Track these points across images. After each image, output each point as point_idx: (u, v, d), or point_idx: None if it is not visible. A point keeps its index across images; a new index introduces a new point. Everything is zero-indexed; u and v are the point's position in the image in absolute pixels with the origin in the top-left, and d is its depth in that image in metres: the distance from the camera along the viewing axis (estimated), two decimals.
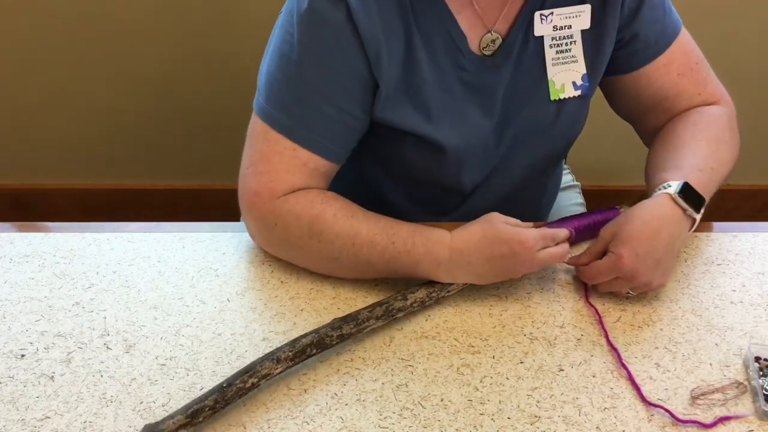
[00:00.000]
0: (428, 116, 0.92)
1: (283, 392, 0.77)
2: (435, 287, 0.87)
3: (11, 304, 0.88)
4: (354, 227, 0.87)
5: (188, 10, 1.83)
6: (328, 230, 0.87)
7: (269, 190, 0.89)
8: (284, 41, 0.89)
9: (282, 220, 0.89)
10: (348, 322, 0.82)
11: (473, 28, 0.92)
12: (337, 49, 0.86)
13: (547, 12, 0.92)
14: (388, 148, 0.98)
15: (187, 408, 0.72)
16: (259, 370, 0.76)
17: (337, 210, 0.88)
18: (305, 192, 0.90)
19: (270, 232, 0.91)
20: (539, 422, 0.74)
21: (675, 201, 0.88)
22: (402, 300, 0.85)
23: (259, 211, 0.90)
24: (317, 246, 0.88)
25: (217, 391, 0.74)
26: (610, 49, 0.97)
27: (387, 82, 0.89)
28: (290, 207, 0.88)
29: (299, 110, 0.88)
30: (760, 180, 2.09)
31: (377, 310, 0.84)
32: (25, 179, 2.10)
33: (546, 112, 0.97)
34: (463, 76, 0.93)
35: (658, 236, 0.85)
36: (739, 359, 0.82)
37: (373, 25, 0.85)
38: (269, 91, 0.90)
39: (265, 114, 0.90)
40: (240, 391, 0.75)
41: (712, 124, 0.99)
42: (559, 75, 0.96)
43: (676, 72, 1.00)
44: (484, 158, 0.98)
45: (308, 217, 0.88)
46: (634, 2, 0.95)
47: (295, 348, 0.78)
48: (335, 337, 0.81)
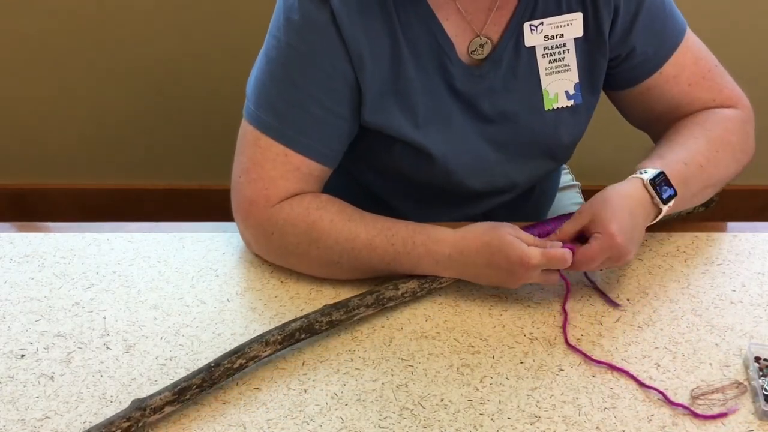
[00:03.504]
0: (415, 121, 0.92)
1: (283, 392, 0.77)
2: (427, 279, 0.88)
3: (11, 304, 0.88)
4: (352, 231, 0.87)
5: (189, 11, 1.83)
6: (326, 236, 0.87)
7: (264, 198, 0.89)
8: (272, 46, 0.89)
9: (279, 229, 0.89)
10: (338, 309, 0.83)
11: (461, 34, 0.92)
12: (322, 50, 0.87)
13: (537, 22, 0.92)
14: (380, 155, 0.98)
15: (175, 385, 0.74)
16: (247, 351, 0.78)
17: (333, 215, 0.88)
18: (300, 198, 0.90)
19: (267, 241, 0.91)
20: (539, 422, 0.74)
21: (645, 187, 0.88)
22: (393, 290, 0.86)
23: (256, 220, 0.90)
24: (316, 252, 0.88)
25: (204, 370, 0.75)
26: (607, 58, 0.96)
27: (371, 84, 0.89)
28: (286, 215, 0.88)
29: (289, 113, 0.88)
30: (760, 180, 2.09)
31: (368, 298, 0.85)
32: (25, 179, 2.10)
33: (542, 122, 0.96)
34: (450, 83, 0.92)
35: (634, 213, 0.86)
36: (739, 359, 0.82)
37: (355, 28, 0.86)
38: (258, 96, 0.90)
39: (254, 119, 0.90)
40: (228, 371, 0.76)
41: (718, 124, 0.97)
42: (552, 84, 0.95)
43: (687, 82, 0.98)
44: (479, 166, 0.97)
45: (305, 225, 0.88)
46: (628, 15, 0.93)
47: (284, 332, 0.80)
48: (325, 323, 0.82)
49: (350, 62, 0.87)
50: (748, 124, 1.01)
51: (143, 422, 0.72)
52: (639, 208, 0.87)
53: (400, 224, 0.88)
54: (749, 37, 1.89)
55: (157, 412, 0.72)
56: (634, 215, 0.86)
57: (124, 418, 0.71)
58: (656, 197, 0.88)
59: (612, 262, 0.85)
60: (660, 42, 0.96)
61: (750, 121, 1.01)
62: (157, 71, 1.92)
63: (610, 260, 0.85)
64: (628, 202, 0.86)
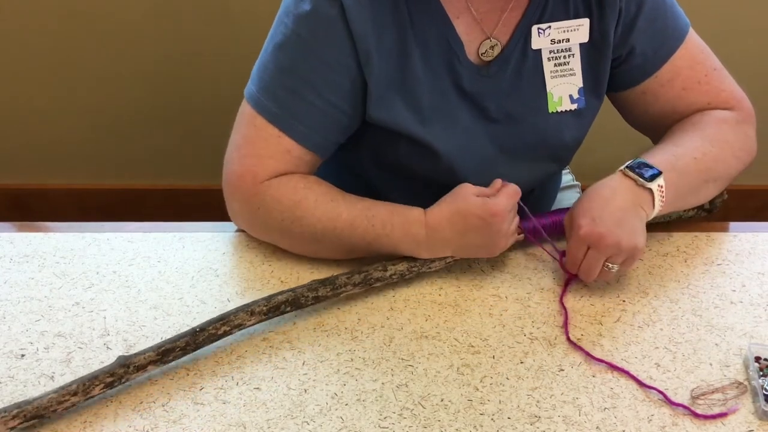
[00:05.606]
0: (421, 118, 0.92)
1: (283, 392, 0.77)
2: (417, 262, 0.90)
3: (11, 304, 0.88)
4: (335, 210, 0.89)
5: (189, 10, 1.83)
6: (309, 215, 0.90)
7: (252, 174, 0.91)
8: (278, 32, 0.90)
9: (265, 204, 0.91)
10: (325, 285, 0.86)
11: (471, 35, 0.92)
12: (328, 43, 0.88)
13: (545, 26, 0.93)
14: (385, 152, 0.98)
15: (159, 347, 0.77)
16: (232, 319, 0.80)
17: (319, 195, 0.90)
18: (288, 177, 0.92)
19: (253, 215, 0.93)
20: (539, 422, 0.74)
21: (624, 174, 0.89)
22: (382, 270, 0.88)
23: (243, 194, 0.92)
24: (299, 230, 0.90)
25: (189, 334, 0.78)
26: (609, 63, 0.97)
27: (377, 80, 0.89)
28: (273, 192, 0.90)
29: (288, 100, 0.90)
30: (760, 180, 2.09)
31: (355, 277, 0.87)
32: (25, 179, 2.10)
33: (546, 124, 0.97)
34: (458, 82, 0.93)
35: (611, 201, 0.87)
36: (739, 359, 0.82)
37: (365, 23, 0.86)
38: (260, 79, 0.92)
39: (254, 101, 0.92)
40: (212, 337, 0.79)
41: (713, 124, 0.97)
42: (557, 88, 0.96)
43: (681, 87, 0.98)
44: (483, 166, 0.97)
45: (290, 202, 0.90)
46: (629, 16, 0.94)
47: (270, 303, 0.82)
48: (311, 297, 0.85)
49: (356, 58, 0.88)
50: (747, 125, 1.00)
51: (126, 378, 0.75)
52: (621, 195, 0.88)
53: (380, 205, 0.91)
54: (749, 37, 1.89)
55: (141, 370, 0.76)
56: (611, 202, 0.86)
57: (108, 373, 0.74)
58: (639, 179, 0.88)
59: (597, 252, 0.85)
60: (660, 43, 0.96)
61: (749, 122, 1.01)
62: (158, 71, 1.92)
63: (596, 251, 0.85)
64: (606, 192, 0.88)
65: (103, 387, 0.74)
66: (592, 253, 0.86)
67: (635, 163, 0.90)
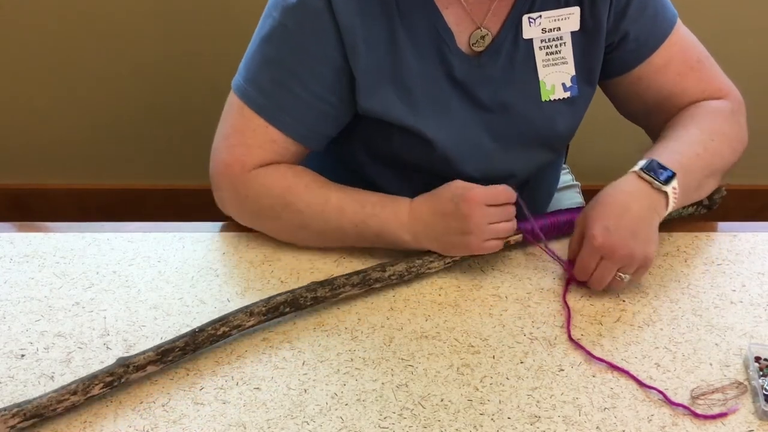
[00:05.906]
0: (413, 107, 0.93)
1: (283, 392, 0.77)
2: (415, 263, 0.90)
3: (11, 304, 0.88)
4: (324, 195, 0.91)
5: (189, 10, 1.83)
6: (298, 200, 0.91)
7: (240, 163, 0.92)
8: (266, 24, 0.91)
9: (254, 192, 0.92)
10: (324, 286, 0.86)
11: (461, 25, 0.92)
12: (314, 35, 0.88)
13: (536, 15, 0.93)
14: (379, 143, 0.99)
15: (159, 347, 0.77)
16: (231, 320, 0.81)
17: (309, 181, 0.92)
18: (275, 166, 0.93)
19: (241, 204, 0.94)
20: (539, 422, 0.74)
21: (640, 176, 0.88)
22: (380, 271, 0.89)
23: (230, 183, 0.93)
24: (288, 216, 0.92)
25: (189, 334, 0.79)
26: (603, 48, 0.97)
27: (365, 71, 0.90)
28: (262, 179, 0.92)
29: (274, 91, 0.91)
30: (760, 180, 2.09)
31: (354, 278, 0.87)
32: (25, 179, 2.10)
33: (539, 113, 0.97)
34: (449, 72, 0.93)
35: (628, 209, 0.86)
36: (739, 359, 0.82)
37: (351, 15, 0.87)
38: (247, 70, 0.93)
39: (241, 92, 0.93)
40: (211, 337, 0.79)
41: (709, 115, 0.98)
42: (549, 76, 0.96)
43: (675, 72, 0.99)
44: (478, 156, 0.98)
45: (280, 189, 0.91)
46: (621, 3, 0.94)
47: (269, 304, 0.83)
48: (309, 298, 0.85)
49: (342, 50, 0.89)
50: (739, 115, 1.01)
51: (125, 378, 0.75)
52: (637, 201, 0.87)
53: (371, 193, 0.93)
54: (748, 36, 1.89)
55: (140, 369, 0.76)
56: (627, 211, 0.85)
57: (107, 372, 0.75)
58: (655, 181, 0.87)
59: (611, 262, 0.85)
60: (652, 28, 0.97)
61: (741, 112, 1.02)
62: (158, 71, 1.92)
63: (609, 262, 0.85)
64: (622, 198, 0.87)
65: (102, 387, 0.74)
66: (605, 264, 0.85)
67: (649, 165, 0.88)
